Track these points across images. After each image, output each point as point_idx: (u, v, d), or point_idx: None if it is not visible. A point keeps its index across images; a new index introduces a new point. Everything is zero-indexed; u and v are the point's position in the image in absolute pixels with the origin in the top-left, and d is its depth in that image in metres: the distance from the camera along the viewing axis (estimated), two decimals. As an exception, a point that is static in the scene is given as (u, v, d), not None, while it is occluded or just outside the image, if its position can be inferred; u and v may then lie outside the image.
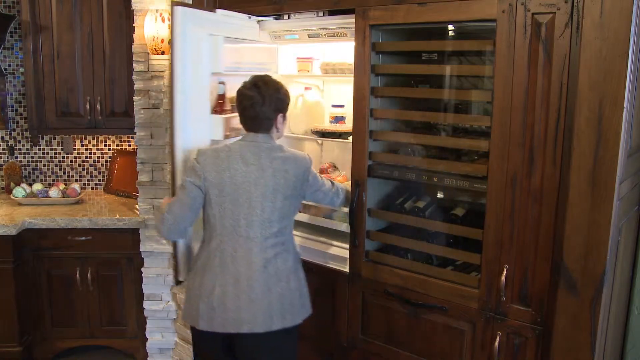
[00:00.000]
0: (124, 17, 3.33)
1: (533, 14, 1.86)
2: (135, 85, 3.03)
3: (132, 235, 3.18)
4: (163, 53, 2.93)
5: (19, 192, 3.40)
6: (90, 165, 3.79)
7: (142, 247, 3.16)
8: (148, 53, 2.98)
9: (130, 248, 3.20)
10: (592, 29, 1.71)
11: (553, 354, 1.91)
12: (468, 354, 2.18)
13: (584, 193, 1.79)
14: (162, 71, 3.01)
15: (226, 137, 2.54)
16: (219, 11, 2.53)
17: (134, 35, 3.01)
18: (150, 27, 2.88)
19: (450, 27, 2.26)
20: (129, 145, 3.78)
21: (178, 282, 2.52)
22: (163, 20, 2.87)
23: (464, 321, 2.17)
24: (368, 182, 2.38)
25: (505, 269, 2.03)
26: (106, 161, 3.79)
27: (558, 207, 1.88)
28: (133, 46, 3.01)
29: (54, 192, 3.41)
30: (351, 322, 2.52)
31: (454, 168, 2.21)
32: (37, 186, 3.47)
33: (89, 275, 3.23)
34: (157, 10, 2.87)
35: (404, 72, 2.39)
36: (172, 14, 2.24)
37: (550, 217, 1.91)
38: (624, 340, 2.48)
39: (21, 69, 3.64)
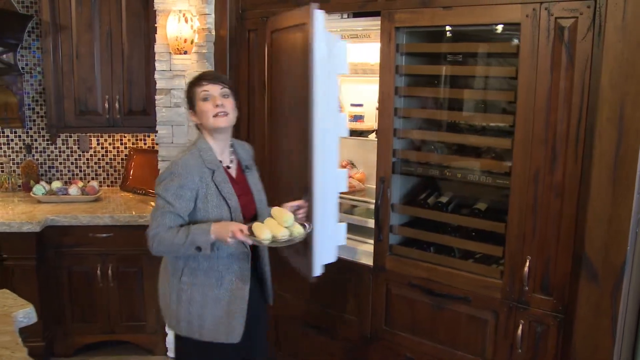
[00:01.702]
0: (143, 18, 3.42)
1: (556, 18, 1.99)
2: (157, 84, 3.13)
3: (153, 232, 3.27)
4: (185, 53, 3.03)
5: (39, 189, 3.48)
6: (106, 163, 3.88)
7: (163, 244, 3.25)
8: (170, 53, 3.08)
9: (151, 244, 3.29)
10: (614, 33, 1.85)
11: (575, 340, 2.05)
12: (491, 342, 2.31)
13: (605, 188, 1.92)
14: (183, 70, 3.11)
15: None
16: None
17: (155, 35, 3.11)
18: (173, 28, 2.97)
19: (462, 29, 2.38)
20: (145, 144, 3.87)
21: None
22: (186, 21, 2.96)
23: (487, 311, 2.30)
24: (392, 179, 2.50)
25: (528, 260, 2.16)
26: (122, 159, 3.88)
27: (579, 202, 2.02)
28: (155, 46, 3.11)
29: (73, 190, 3.50)
30: (375, 313, 2.65)
31: (477, 165, 2.34)
32: (57, 184, 3.55)
33: (109, 271, 3.33)
34: (180, 11, 2.97)
35: (428, 72, 2.51)
36: (311, 18, 2.11)
37: (571, 211, 2.04)
38: (638, 327, 2.61)
39: (38, 68, 3.72)
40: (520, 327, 2.21)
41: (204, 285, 2.09)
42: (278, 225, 2.04)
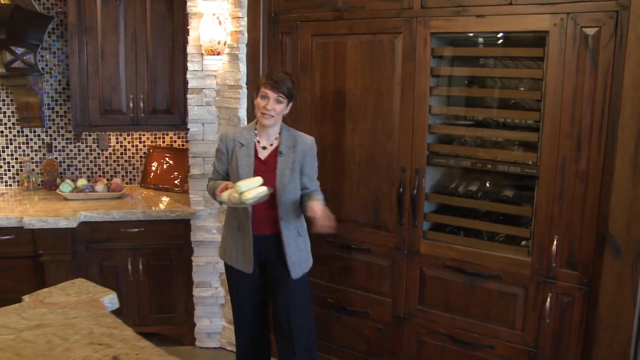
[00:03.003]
0: (167, 19, 3.57)
1: (582, 27, 2.30)
2: (189, 84, 3.29)
3: (182, 226, 3.44)
4: (218, 54, 3.20)
5: (66, 187, 3.58)
6: (125, 161, 3.99)
7: (193, 237, 3.42)
8: (202, 54, 3.25)
9: (180, 238, 3.45)
10: (635, 41, 2.17)
11: (600, 308, 2.36)
12: (520, 314, 2.61)
13: (627, 173, 2.25)
14: (215, 70, 3.28)
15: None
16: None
17: (187, 36, 3.27)
18: (207, 30, 3.14)
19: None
20: (163, 141, 4.01)
21: None
22: (220, 24, 3.14)
23: (517, 286, 2.60)
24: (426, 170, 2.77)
25: (555, 240, 2.47)
26: (141, 157, 4.00)
27: (602, 186, 2.34)
28: (187, 47, 3.27)
29: (99, 187, 3.61)
30: (409, 294, 2.91)
31: (506, 156, 2.63)
32: (82, 181, 3.65)
33: (139, 265, 3.46)
34: (214, 14, 3.14)
35: (460, 74, 2.79)
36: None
37: (595, 195, 2.36)
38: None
39: (58, 69, 3.81)
40: (549, 299, 2.52)
41: (230, 227, 2.71)
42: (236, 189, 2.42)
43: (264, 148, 2.63)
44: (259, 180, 2.45)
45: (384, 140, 2.88)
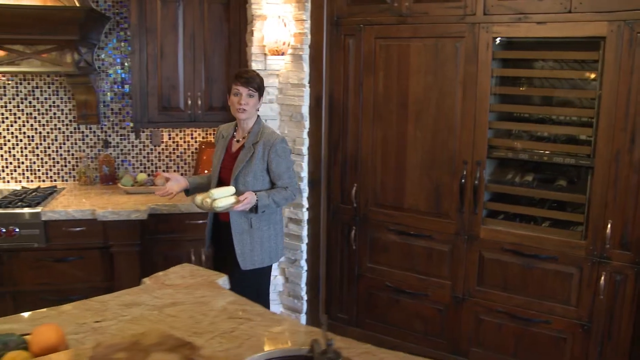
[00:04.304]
0: (224, 21, 3.79)
1: (637, 33, 2.62)
2: (253, 83, 3.52)
3: (244, 217, 3.66)
4: (282, 54, 3.44)
5: (127, 181, 3.77)
6: (177, 156, 4.20)
7: (255, 227, 3.65)
8: (265, 54, 3.48)
9: (242, 229, 3.68)
10: (687, 46, 2.50)
11: (652, 282, 2.70)
12: (575, 292, 2.93)
13: (678, 163, 2.58)
14: (277, 70, 3.52)
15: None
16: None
17: (252, 37, 3.49)
18: (272, 31, 3.38)
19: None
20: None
21: None
22: (285, 25, 3.38)
23: (572, 266, 2.92)
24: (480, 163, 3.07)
25: (609, 224, 2.79)
26: (192, 152, 4.21)
27: (654, 175, 2.67)
28: (252, 47, 3.50)
29: (159, 181, 3.80)
30: (468, 276, 3.21)
31: (563, 149, 2.94)
32: (142, 176, 3.85)
33: (202, 256, 3.68)
34: (279, 17, 3.38)
35: (519, 75, 3.09)
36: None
37: (647, 183, 2.69)
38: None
39: (113, 68, 3.99)
40: (602, 277, 2.84)
41: None
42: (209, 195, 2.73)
43: (238, 141, 2.96)
44: (231, 189, 2.77)
45: (445, 135, 3.16)
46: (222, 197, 2.71)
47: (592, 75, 2.84)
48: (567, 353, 2.97)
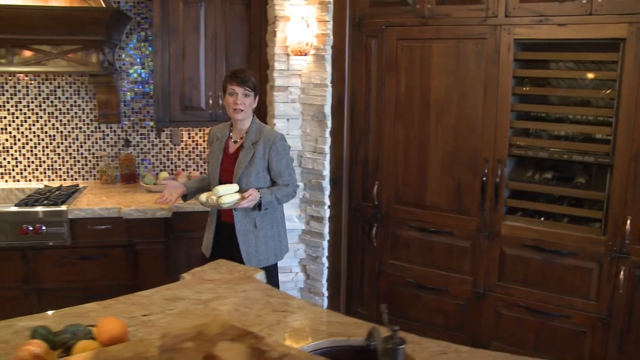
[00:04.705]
0: (244, 21, 3.87)
1: (657, 35, 2.73)
2: (275, 82, 3.61)
3: (266, 215, 3.75)
4: (305, 55, 3.53)
5: (150, 180, 3.85)
6: (197, 155, 4.27)
7: (277, 225, 3.74)
8: (288, 54, 3.56)
9: (264, 226, 3.76)
10: None
11: (670, 277, 2.81)
12: (594, 286, 3.03)
13: (697, 161, 2.69)
14: (299, 70, 3.61)
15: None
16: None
17: (275, 38, 3.58)
18: (295, 32, 3.46)
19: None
20: (233, 137, 4.30)
21: None
22: (308, 26, 3.47)
23: (592, 261, 3.02)
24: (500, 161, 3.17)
25: (629, 220, 2.89)
26: (211, 151, 4.28)
27: (672, 173, 2.78)
28: (275, 48, 3.58)
29: (181, 180, 3.88)
30: (489, 271, 3.30)
31: (582, 147, 3.04)
32: (164, 174, 3.93)
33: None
34: (302, 18, 3.47)
35: (540, 76, 3.18)
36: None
37: (666, 180, 2.80)
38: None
39: (134, 67, 4.06)
40: (622, 272, 2.94)
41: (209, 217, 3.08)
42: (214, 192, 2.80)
43: (235, 142, 2.98)
44: (235, 187, 2.83)
45: (467, 134, 3.26)
46: (227, 194, 2.78)
47: (611, 76, 2.94)
48: (587, 347, 3.07)
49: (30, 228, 3.44)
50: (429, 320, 3.55)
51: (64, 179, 4.13)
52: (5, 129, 3.99)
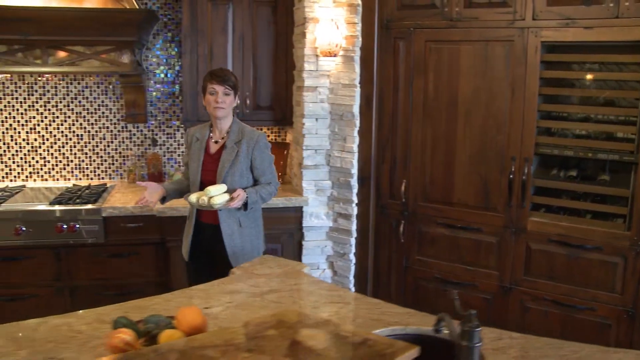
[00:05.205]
0: (272, 23, 3.97)
1: (682, 38, 2.87)
2: (305, 83, 3.71)
3: (294, 213, 3.85)
4: (334, 56, 3.64)
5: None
6: (221, 154, 4.36)
7: (305, 223, 3.85)
8: (317, 55, 3.67)
9: (292, 224, 3.87)
10: None
11: (694, 269, 2.95)
12: (620, 279, 3.17)
13: None
14: (328, 71, 3.71)
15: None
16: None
17: (304, 39, 3.68)
18: (325, 33, 3.57)
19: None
20: (256, 136, 4.40)
21: None
22: (337, 28, 3.57)
23: (616, 256, 3.16)
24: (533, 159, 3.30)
25: (654, 215, 3.04)
26: (235, 150, 4.37)
27: (696, 170, 2.92)
28: (304, 49, 3.68)
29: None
30: (515, 266, 3.43)
31: (606, 145, 3.18)
32: (192, 173, 4.01)
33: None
34: (332, 20, 3.57)
35: (566, 77, 3.31)
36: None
37: (689, 177, 2.94)
38: None
39: (160, 67, 4.14)
40: (646, 265, 3.09)
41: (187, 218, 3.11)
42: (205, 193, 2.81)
43: (216, 142, 3.02)
44: (224, 187, 2.85)
45: (494, 133, 3.38)
46: (218, 195, 2.81)
47: (636, 77, 3.07)
48: (612, 339, 3.21)
49: (65, 226, 3.52)
50: (457, 315, 3.66)
51: (91, 178, 4.21)
52: (34, 128, 4.07)
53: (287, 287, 2.40)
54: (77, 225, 3.54)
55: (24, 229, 3.48)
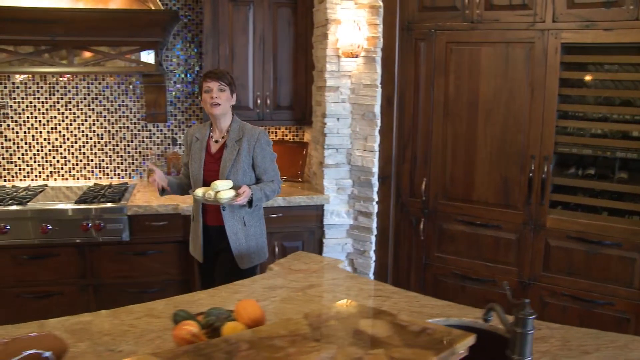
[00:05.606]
0: (291, 24, 4.04)
1: (699, 40, 2.98)
2: (327, 83, 3.79)
3: (315, 211, 3.93)
4: (356, 56, 3.72)
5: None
6: (239, 153, 4.43)
7: (325, 221, 3.93)
8: (339, 56, 3.75)
9: (313, 222, 3.94)
10: None
11: None
12: (638, 275, 3.28)
13: None
14: (349, 71, 3.80)
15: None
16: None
17: (326, 40, 3.76)
18: (347, 34, 3.65)
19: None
20: (275, 135, 4.47)
21: None
22: (359, 29, 3.66)
23: (635, 251, 3.27)
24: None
25: (671, 212, 3.15)
26: (253, 150, 4.44)
27: None
28: (326, 50, 3.76)
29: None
30: (534, 262, 3.53)
31: (624, 144, 3.29)
32: (213, 172, 4.07)
33: (275, 248, 3.92)
34: (354, 21, 3.66)
35: (586, 77, 3.42)
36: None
37: None
38: None
39: (180, 68, 4.20)
40: (665, 260, 3.20)
41: (192, 219, 3.12)
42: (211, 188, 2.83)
43: (216, 142, 3.02)
44: (230, 182, 2.86)
45: (514, 132, 3.48)
46: (225, 189, 2.81)
47: (654, 78, 3.19)
48: (631, 332, 3.31)
49: (90, 225, 3.57)
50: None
51: (111, 177, 4.26)
52: (55, 128, 4.11)
53: (326, 282, 2.48)
54: (102, 224, 3.59)
55: (50, 227, 3.53)
